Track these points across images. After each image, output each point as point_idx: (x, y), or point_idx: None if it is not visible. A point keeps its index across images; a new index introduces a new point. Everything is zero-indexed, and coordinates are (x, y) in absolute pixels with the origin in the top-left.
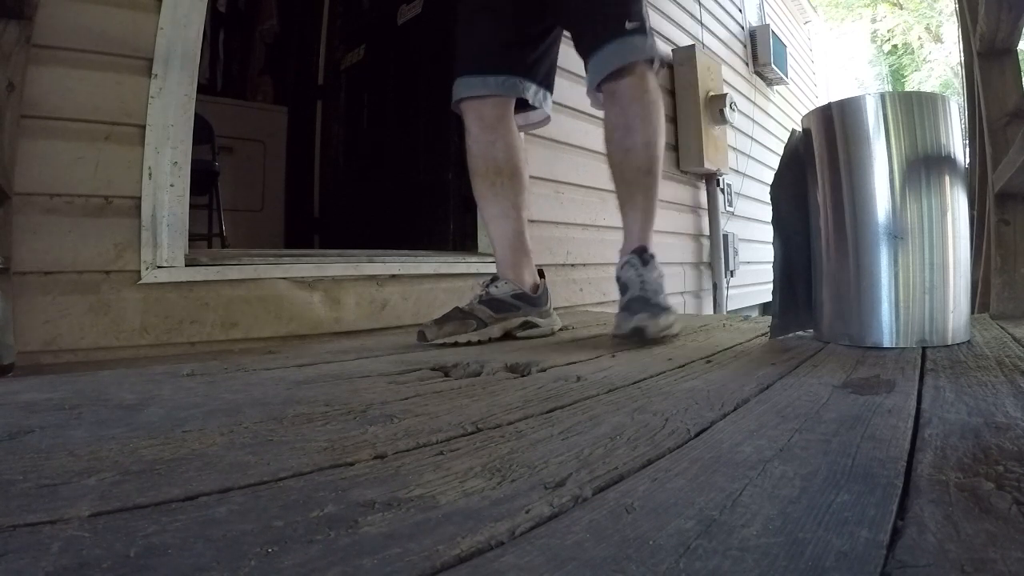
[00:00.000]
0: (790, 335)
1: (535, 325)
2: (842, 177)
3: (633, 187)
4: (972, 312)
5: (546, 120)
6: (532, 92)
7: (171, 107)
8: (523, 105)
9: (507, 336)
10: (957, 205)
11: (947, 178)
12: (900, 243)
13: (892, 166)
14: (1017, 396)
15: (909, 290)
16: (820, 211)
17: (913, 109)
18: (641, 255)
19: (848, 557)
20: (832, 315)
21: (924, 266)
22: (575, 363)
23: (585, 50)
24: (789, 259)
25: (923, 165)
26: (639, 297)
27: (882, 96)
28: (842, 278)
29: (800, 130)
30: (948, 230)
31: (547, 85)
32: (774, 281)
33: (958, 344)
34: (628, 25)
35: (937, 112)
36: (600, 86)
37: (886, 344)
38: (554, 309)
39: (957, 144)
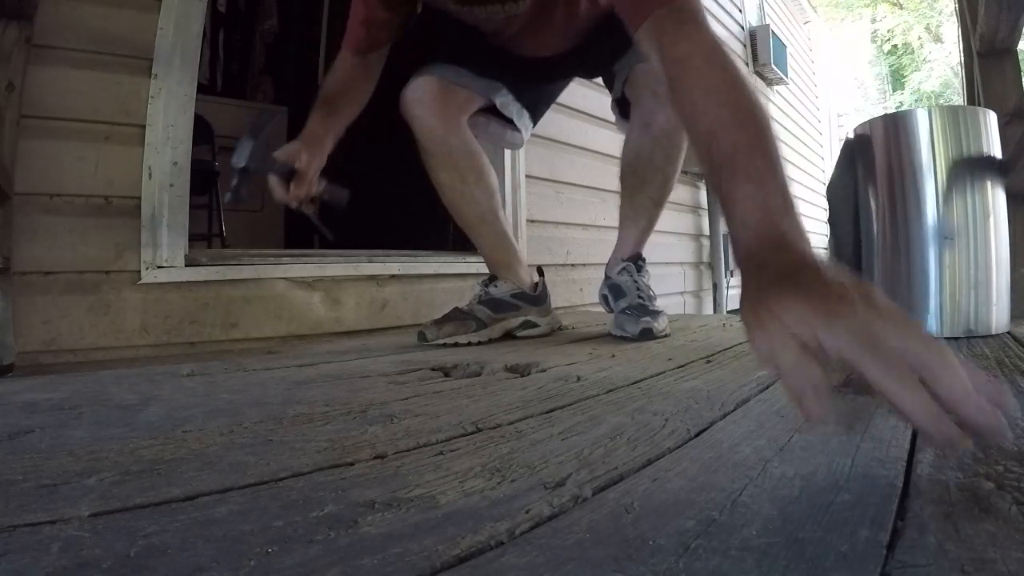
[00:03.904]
0: None
1: (535, 324)
2: (896, 183)
3: (639, 211)
4: None
5: (518, 146)
6: (511, 102)
7: (171, 107)
8: (497, 115)
9: (507, 336)
10: (998, 208)
11: (988, 184)
12: (948, 243)
13: (941, 174)
14: (1017, 396)
15: (956, 286)
16: (876, 213)
17: (959, 122)
18: (636, 261)
19: (848, 557)
20: None
21: (970, 264)
22: (575, 363)
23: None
24: (840, 256)
25: (968, 172)
26: (638, 304)
27: (931, 110)
28: (896, 274)
29: (853, 137)
30: (991, 231)
31: (532, 111)
32: None
33: (998, 335)
34: None
35: (979, 124)
36: (635, 113)
37: (935, 334)
38: (554, 308)
39: (997, 153)
